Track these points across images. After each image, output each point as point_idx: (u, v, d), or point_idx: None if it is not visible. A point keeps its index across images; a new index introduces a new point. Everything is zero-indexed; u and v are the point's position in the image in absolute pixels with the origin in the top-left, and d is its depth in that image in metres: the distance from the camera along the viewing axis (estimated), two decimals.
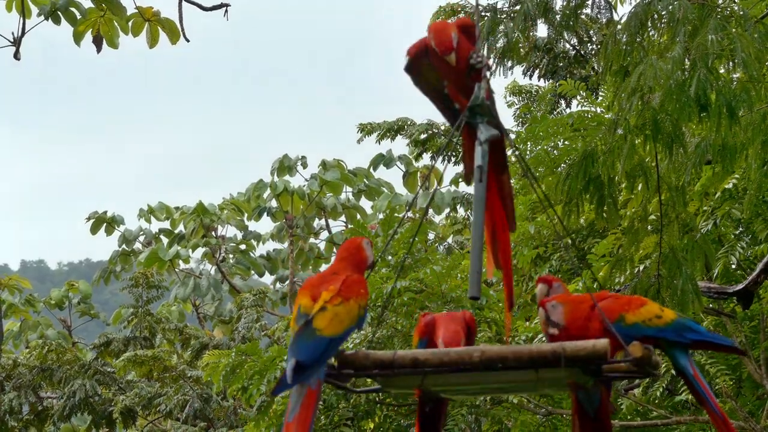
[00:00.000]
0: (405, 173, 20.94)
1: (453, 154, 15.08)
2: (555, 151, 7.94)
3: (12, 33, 8.27)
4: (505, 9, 7.20)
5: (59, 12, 8.56)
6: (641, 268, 7.30)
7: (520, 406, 8.64)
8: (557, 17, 6.83)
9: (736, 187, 7.90)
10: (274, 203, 21.22)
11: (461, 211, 18.85)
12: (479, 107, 3.99)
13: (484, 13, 7.18)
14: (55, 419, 17.39)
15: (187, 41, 8.60)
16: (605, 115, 8.14)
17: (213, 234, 21.41)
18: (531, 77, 16.19)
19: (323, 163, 21.18)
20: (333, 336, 3.74)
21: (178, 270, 21.40)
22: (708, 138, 6.44)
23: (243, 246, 22.10)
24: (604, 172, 6.22)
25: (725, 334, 8.56)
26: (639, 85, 5.87)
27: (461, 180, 19.28)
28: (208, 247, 21.23)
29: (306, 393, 3.68)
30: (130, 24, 8.71)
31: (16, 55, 8.25)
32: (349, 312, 3.79)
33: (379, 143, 17.82)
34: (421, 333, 4.17)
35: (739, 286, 7.61)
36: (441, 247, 17.19)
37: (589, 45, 16.20)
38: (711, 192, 8.14)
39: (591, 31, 16.08)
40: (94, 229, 22.10)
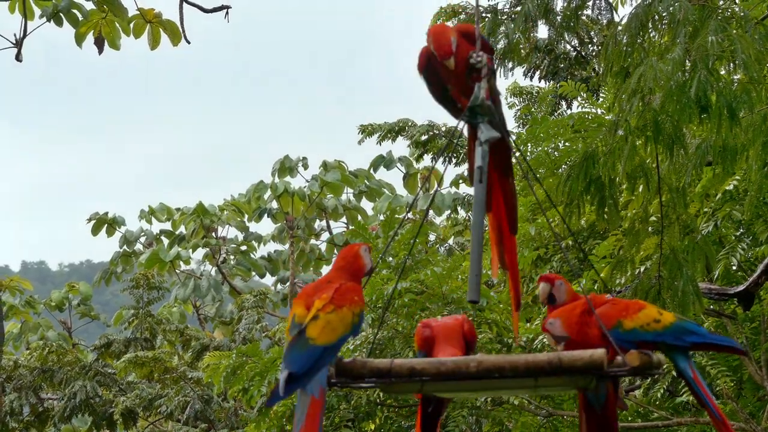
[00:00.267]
0: (405, 174, 20.94)
1: (454, 155, 15.09)
2: (556, 153, 7.94)
3: (14, 34, 8.28)
4: (506, 10, 7.20)
5: (61, 14, 8.57)
6: (642, 269, 7.30)
7: (520, 407, 8.64)
8: (558, 18, 6.83)
9: (736, 189, 7.91)
10: (274, 204, 21.22)
11: (462, 213, 18.84)
12: (479, 107, 3.97)
13: (484, 14, 7.19)
14: (56, 420, 17.39)
15: (188, 43, 8.61)
16: (606, 117, 8.15)
17: (213, 235, 21.41)
18: (532, 78, 16.21)
19: (324, 164, 21.18)
20: (326, 344, 3.69)
21: (178, 271, 21.41)
22: (708, 139, 6.44)
23: (244, 247, 22.11)
24: (604, 173, 6.22)
25: (726, 335, 8.55)
26: (639, 87, 5.87)
27: (461, 181, 19.29)
28: (208, 248, 21.23)
29: (310, 403, 3.64)
30: (131, 26, 8.72)
31: (18, 57, 8.25)
32: (343, 320, 3.74)
33: (380, 144, 17.82)
34: (420, 346, 4.15)
35: (740, 287, 7.62)
36: (442, 249, 17.19)
37: (590, 46, 16.21)
38: (712, 193, 8.15)
39: (592, 32, 16.08)
40: (95, 230, 22.12)
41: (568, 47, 16.18)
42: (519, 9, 6.81)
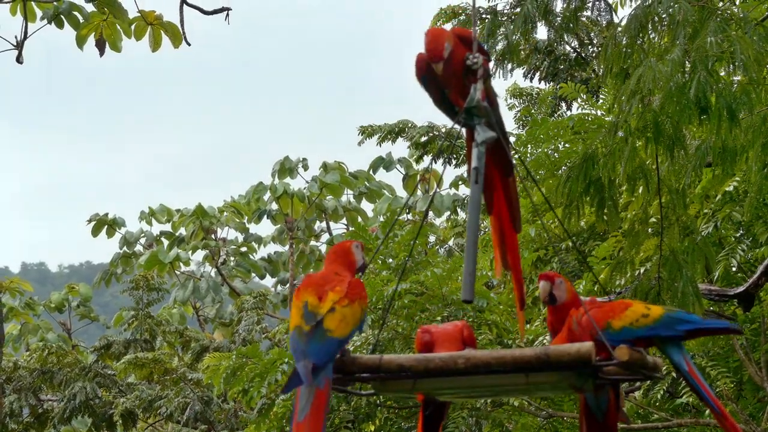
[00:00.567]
0: (405, 176, 20.95)
1: (453, 156, 15.10)
2: (555, 154, 7.94)
3: (15, 36, 8.30)
4: (506, 11, 7.21)
5: (62, 16, 8.58)
6: (642, 270, 7.30)
7: (520, 408, 8.64)
8: (557, 19, 6.84)
9: (736, 190, 7.91)
10: (274, 206, 21.22)
11: (462, 214, 18.85)
12: (475, 108, 3.98)
13: (484, 15, 7.20)
14: (56, 422, 17.39)
15: (189, 45, 8.62)
16: (606, 118, 8.14)
17: (213, 237, 21.42)
18: (531, 80, 16.22)
19: (324, 166, 21.19)
20: (342, 337, 3.79)
21: (178, 273, 21.42)
22: (708, 140, 6.44)
23: (243, 248, 22.11)
24: (604, 174, 6.22)
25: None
26: (639, 88, 5.88)
27: (461, 183, 19.31)
28: (208, 250, 21.24)
29: (316, 393, 3.70)
30: (132, 28, 8.73)
31: (18, 59, 8.27)
32: (354, 314, 3.83)
33: (380, 145, 17.84)
34: (420, 352, 4.15)
35: (740, 288, 7.61)
36: (441, 250, 17.19)
37: (590, 47, 16.22)
38: (711, 194, 8.15)
39: (591, 34, 16.10)
40: (95, 232, 22.12)
41: (567, 48, 16.20)
42: (518, 10, 6.82)
